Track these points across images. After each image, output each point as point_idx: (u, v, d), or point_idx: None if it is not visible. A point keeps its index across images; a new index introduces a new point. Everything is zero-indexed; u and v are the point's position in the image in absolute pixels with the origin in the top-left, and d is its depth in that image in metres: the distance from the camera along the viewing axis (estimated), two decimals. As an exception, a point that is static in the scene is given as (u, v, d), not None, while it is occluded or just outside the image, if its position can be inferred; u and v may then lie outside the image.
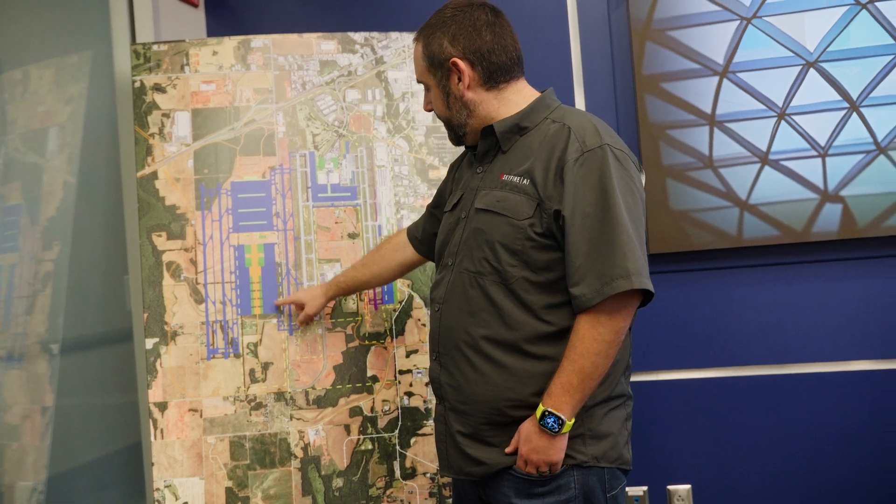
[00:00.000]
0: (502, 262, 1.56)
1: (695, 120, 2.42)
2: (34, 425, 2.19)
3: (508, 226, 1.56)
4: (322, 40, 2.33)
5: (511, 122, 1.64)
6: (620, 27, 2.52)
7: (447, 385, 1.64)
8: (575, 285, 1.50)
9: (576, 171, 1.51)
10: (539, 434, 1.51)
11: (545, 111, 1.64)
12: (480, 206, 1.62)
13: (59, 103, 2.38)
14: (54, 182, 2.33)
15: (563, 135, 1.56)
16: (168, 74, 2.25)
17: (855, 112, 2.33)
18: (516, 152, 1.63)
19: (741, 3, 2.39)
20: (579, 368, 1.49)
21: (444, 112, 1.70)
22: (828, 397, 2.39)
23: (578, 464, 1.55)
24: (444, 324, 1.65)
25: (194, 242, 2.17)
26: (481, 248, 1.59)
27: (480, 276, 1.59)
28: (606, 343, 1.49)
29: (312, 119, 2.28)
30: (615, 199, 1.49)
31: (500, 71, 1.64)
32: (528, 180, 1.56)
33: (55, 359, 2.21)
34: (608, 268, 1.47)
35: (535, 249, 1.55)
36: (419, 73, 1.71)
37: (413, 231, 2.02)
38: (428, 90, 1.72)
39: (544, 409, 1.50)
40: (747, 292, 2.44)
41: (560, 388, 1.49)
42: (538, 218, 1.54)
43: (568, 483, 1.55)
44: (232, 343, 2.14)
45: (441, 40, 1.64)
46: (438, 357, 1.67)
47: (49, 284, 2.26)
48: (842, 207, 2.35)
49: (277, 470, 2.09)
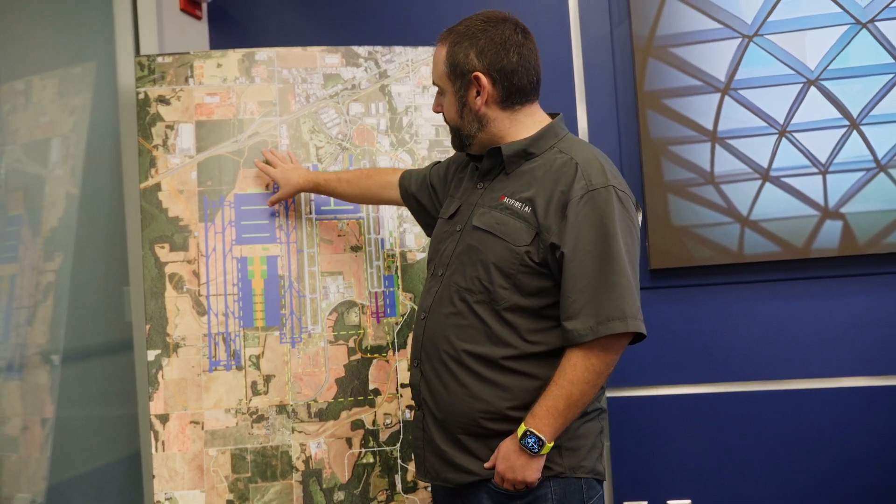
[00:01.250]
0: (494, 284, 1.58)
1: (696, 136, 2.43)
2: (34, 437, 2.18)
3: (505, 249, 1.57)
4: (326, 54, 2.34)
5: (519, 147, 1.65)
6: (623, 43, 2.53)
7: (426, 393, 1.66)
8: (568, 320, 1.52)
9: (580, 209, 1.52)
10: (518, 453, 1.54)
11: (553, 139, 1.66)
12: (478, 224, 1.63)
13: (62, 114, 2.38)
14: (57, 193, 2.33)
15: (570, 170, 1.57)
16: (172, 86, 2.26)
17: (855, 130, 2.35)
18: (519, 177, 1.64)
19: (743, 20, 2.41)
20: (567, 394, 1.51)
21: (454, 120, 1.69)
22: (827, 413, 2.40)
23: (555, 475, 1.58)
24: (429, 333, 1.66)
25: (197, 254, 2.17)
26: (475, 267, 1.61)
27: (470, 293, 1.60)
28: (597, 374, 1.52)
29: (316, 132, 2.29)
30: (616, 240, 1.51)
31: (519, 93, 1.65)
32: (529, 208, 1.57)
33: (56, 370, 2.21)
34: (605, 308, 1.49)
35: (527, 275, 1.57)
36: (437, 75, 1.70)
37: (406, 182, 2.03)
38: (442, 94, 1.71)
39: (526, 429, 1.52)
40: (748, 308, 2.45)
41: (545, 410, 1.52)
42: (535, 246, 1.56)
43: (545, 494, 1.58)
44: (234, 355, 2.13)
45: (468, 51, 1.63)
46: (420, 365, 1.68)
47: (50, 295, 2.25)
48: (842, 224, 2.36)
49: (279, 483, 2.09)
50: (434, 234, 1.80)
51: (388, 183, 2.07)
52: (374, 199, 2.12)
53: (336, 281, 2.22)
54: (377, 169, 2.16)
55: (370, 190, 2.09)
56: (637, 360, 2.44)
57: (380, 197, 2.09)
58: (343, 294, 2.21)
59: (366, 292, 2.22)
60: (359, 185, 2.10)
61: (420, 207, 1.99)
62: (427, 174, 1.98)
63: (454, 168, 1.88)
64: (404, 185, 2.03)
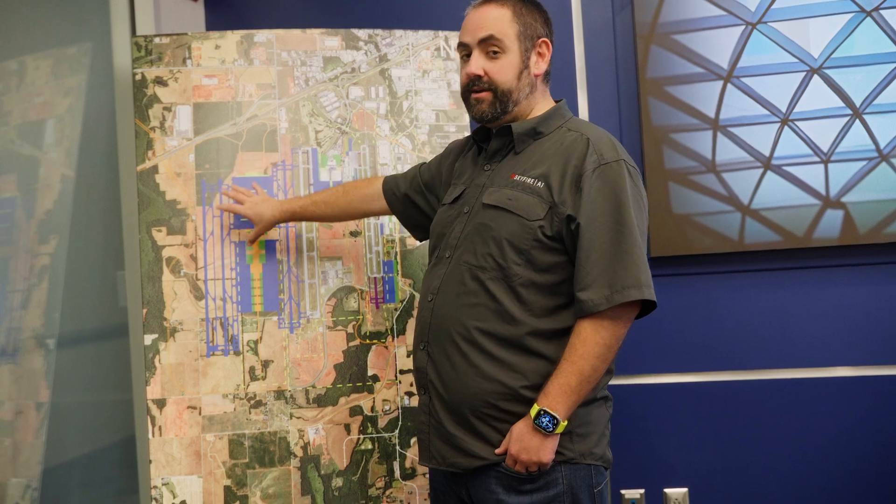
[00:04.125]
0: (507, 260, 1.58)
1: (698, 124, 2.42)
2: (28, 421, 2.16)
3: (518, 224, 1.58)
4: (326, 36, 2.31)
5: (529, 126, 1.68)
6: (625, 30, 2.52)
7: (434, 375, 1.64)
8: (583, 290, 1.53)
9: (593, 182, 1.55)
10: (532, 433, 1.53)
11: (560, 120, 1.70)
12: (489, 202, 1.63)
13: (57, 95, 2.34)
14: (52, 175, 2.30)
15: (582, 145, 1.60)
16: (170, 68, 2.23)
17: (858, 119, 2.34)
18: (528, 155, 1.66)
19: (746, 8, 2.39)
20: (578, 370, 1.51)
21: (510, 82, 1.65)
22: (826, 402, 2.40)
23: (566, 460, 1.58)
24: (437, 314, 1.65)
25: (195, 238, 2.15)
26: (486, 244, 1.60)
27: (482, 271, 1.60)
28: (607, 347, 1.53)
29: (315, 115, 2.26)
30: (629, 212, 1.54)
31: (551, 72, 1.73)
32: (542, 183, 1.59)
33: (51, 354, 2.18)
34: (619, 277, 1.51)
35: (540, 250, 1.57)
36: (503, 32, 1.64)
37: (392, 187, 2.00)
38: (495, 55, 1.65)
39: (540, 409, 1.52)
40: (748, 297, 2.44)
41: (557, 388, 1.52)
42: (549, 220, 1.57)
43: (556, 479, 1.57)
44: (232, 340, 2.11)
45: (536, 17, 1.68)
46: (427, 347, 1.67)
47: (45, 279, 2.22)
48: (843, 214, 2.35)
49: (277, 469, 2.07)
50: (436, 221, 1.79)
51: (368, 195, 2.03)
52: (357, 215, 2.08)
53: (335, 266, 2.20)
54: (351, 184, 2.11)
55: (351, 206, 2.04)
56: (636, 348, 2.43)
57: (363, 211, 2.06)
58: (342, 279, 2.20)
59: (365, 278, 2.21)
60: (337, 204, 2.05)
61: (412, 206, 1.97)
62: (416, 174, 1.97)
63: (449, 161, 1.88)
64: (390, 188, 2.00)
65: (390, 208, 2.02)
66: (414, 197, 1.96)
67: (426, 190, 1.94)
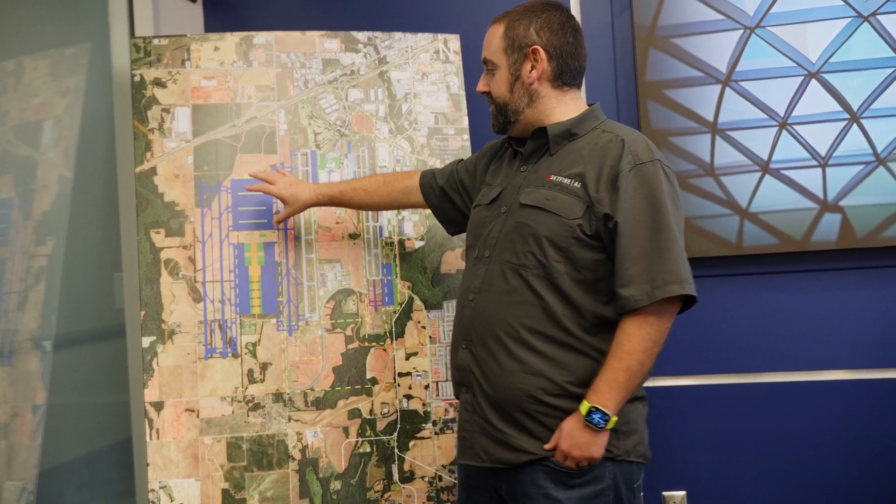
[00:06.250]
0: (548, 257, 1.61)
1: (697, 127, 2.43)
2: (25, 424, 2.15)
3: (557, 223, 1.62)
4: (325, 39, 2.31)
5: (563, 128, 1.70)
6: (624, 33, 2.52)
7: (479, 374, 1.67)
8: (624, 286, 1.56)
9: (629, 181, 1.58)
10: (583, 430, 1.56)
11: (594, 121, 1.72)
12: (527, 202, 1.67)
13: (54, 96, 2.34)
14: (49, 176, 2.29)
15: (617, 145, 1.63)
16: (169, 69, 2.22)
17: (855, 123, 2.35)
18: (564, 156, 1.69)
19: (745, 12, 2.39)
20: (626, 366, 1.55)
21: (504, 95, 1.73)
22: (825, 406, 2.40)
23: (612, 457, 1.61)
24: (480, 312, 1.68)
25: (193, 240, 2.14)
26: (526, 242, 1.64)
27: (524, 269, 1.63)
28: (652, 342, 1.56)
29: (314, 118, 2.26)
30: (665, 210, 1.58)
31: (569, 74, 1.72)
32: (578, 183, 1.63)
33: (47, 356, 2.17)
34: (661, 273, 1.55)
35: (580, 248, 1.61)
36: (491, 52, 1.74)
37: (429, 180, 2.03)
38: (491, 72, 1.75)
39: (591, 406, 1.55)
40: (745, 300, 2.45)
41: (606, 384, 1.55)
42: (587, 219, 1.61)
43: (603, 474, 1.61)
44: (230, 343, 2.10)
45: (528, 27, 1.70)
46: (469, 345, 1.69)
47: (42, 280, 2.22)
48: (841, 217, 2.36)
49: (275, 472, 2.06)
50: (472, 221, 1.82)
51: (408, 188, 2.05)
52: (394, 206, 2.11)
53: (334, 268, 2.19)
54: (391, 175, 2.12)
55: (391, 196, 2.06)
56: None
57: (401, 203, 2.08)
58: (341, 282, 2.19)
59: (364, 280, 2.20)
60: (377, 193, 2.07)
61: (447, 201, 2.00)
62: (454, 170, 2.00)
63: (484, 161, 1.91)
64: (427, 182, 2.03)
65: (426, 201, 2.04)
66: (450, 192, 1.99)
67: (461, 187, 1.97)
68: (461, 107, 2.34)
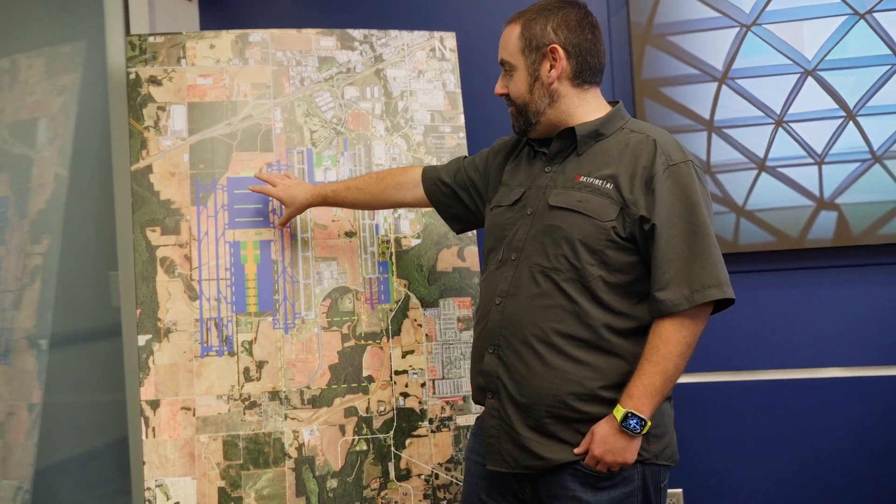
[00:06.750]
0: (582, 261, 1.58)
1: (693, 125, 2.43)
2: (20, 422, 2.15)
3: (591, 226, 1.59)
4: (321, 36, 2.31)
5: (591, 128, 1.67)
6: (620, 31, 2.52)
7: (507, 379, 1.64)
8: (661, 290, 1.54)
9: (664, 183, 1.56)
10: (617, 435, 1.54)
11: (620, 121, 1.69)
12: (557, 203, 1.63)
13: (50, 94, 2.33)
14: (45, 174, 2.29)
15: (649, 146, 1.60)
16: (164, 67, 2.22)
17: (851, 121, 2.35)
18: (592, 157, 1.66)
19: (741, 10, 2.40)
20: (662, 370, 1.53)
21: (524, 96, 1.69)
22: (821, 403, 2.40)
23: (642, 461, 1.59)
24: (508, 317, 1.64)
25: (189, 238, 2.14)
26: (558, 246, 1.60)
27: (556, 273, 1.60)
28: (688, 346, 1.55)
29: (310, 116, 2.26)
30: (701, 211, 1.56)
31: (589, 71, 1.68)
32: (611, 184, 1.60)
33: (43, 354, 2.17)
34: (699, 277, 1.53)
35: (614, 250, 1.58)
36: (508, 53, 1.70)
37: (434, 177, 1.99)
38: (509, 73, 1.71)
39: (626, 411, 1.53)
40: (742, 297, 2.40)
41: (642, 389, 1.53)
42: (621, 221, 1.58)
43: (632, 476, 1.59)
44: (226, 341, 2.10)
45: (545, 26, 1.67)
46: (497, 350, 1.66)
47: (38, 278, 2.21)
48: (837, 215, 2.36)
49: (271, 470, 2.06)
50: (493, 223, 1.77)
51: (402, 183, 2.02)
52: (388, 203, 2.06)
53: (330, 266, 2.19)
54: (385, 171, 2.10)
55: (383, 193, 2.03)
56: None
57: (395, 199, 2.04)
58: (337, 280, 2.19)
59: (360, 278, 2.20)
60: (369, 190, 2.04)
61: (454, 199, 1.96)
62: (461, 167, 1.96)
63: (499, 160, 1.87)
64: (432, 179, 1.99)
65: (429, 198, 2.00)
66: (458, 190, 1.95)
67: (470, 185, 1.93)
68: (457, 105, 2.34)
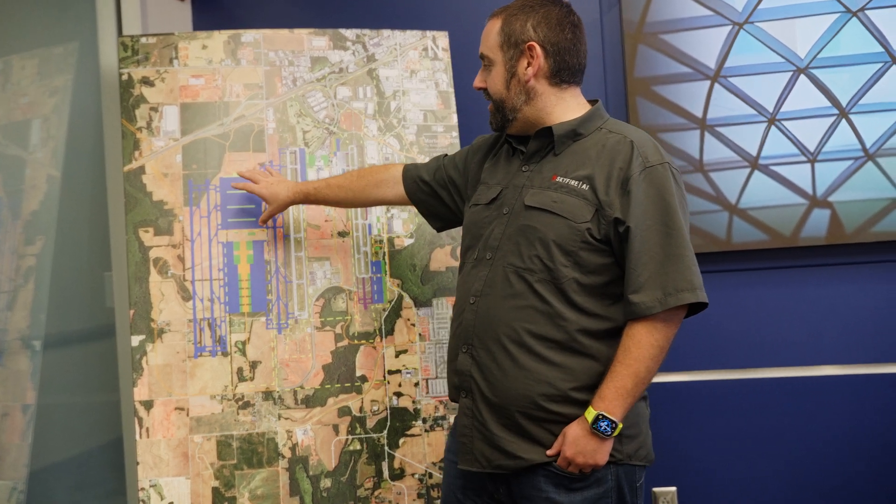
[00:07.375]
0: (555, 262, 1.58)
1: (686, 124, 2.43)
2: (14, 423, 2.15)
3: (566, 227, 1.58)
4: (313, 36, 2.31)
5: (569, 127, 1.66)
6: (612, 29, 2.52)
7: (480, 378, 1.64)
8: (635, 293, 1.54)
9: (640, 185, 1.55)
10: (588, 437, 1.54)
11: (599, 121, 1.68)
12: (532, 203, 1.63)
13: (42, 95, 2.33)
14: (37, 175, 2.29)
15: (626, 147, 1.59)
16: (156, 68, 2.22)
17: (844, 119, 2.36)
18: (569, 157, 1.65)
19: (734, 8, 2.40)
20: (634, 372, 1.53)
21: (500, 92, 1.69)
22: (814, 401, 2.41)
23: (615, 461, 1.59)
24: (482, 316, 1.64)
25: (182, 239, 2.14)
26: (533, 246, 1.60)
27: (529, 273, 1.60)
28: (660, 349, 1.54)
29: (303, 116, 2.26)
30: (676, 214, 1.55)
31: (568, 71, 1.67)
32: (587, 185, 1.59)
33: (37, 355, 2.17)
34: (673, 280, 1.52)
35: (588, 252, 1.58)
36: (488, 48, 1.70)
37: (414, 175, 1.98)
38: (488, 67, 1.71)
39: (598, 413, 1.53)
40: (735, 296, 2.45)
41: (614, 391, 1.53)
42: (596, 223, 1.57)
43: (605, 477, 1.59)
44: (220, 341, 2.10)
45: (525, 22, 1.65)
46: (470, 350, 1.66)
47: (31, 280, 2.22)
48: (830, 213, 2.37)
49: (265, 470, 2.06)
50: (470, 221, 1.77)
51: (382, 181, 2.02)
52: (370, 200, 2.06)
53: (323, 266, 2.19)
54: (366, 168, 2.10)
55: (364, 191, 2.03)
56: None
57: (375, 196, 2.03)
58: (330, 280, 2.19)
59: (353, 278, 2.20)
60: (350, 187, 2.04)
61: (434, 197, 1.96)
62: (440, 165, 1.96)
63: (478, 158, 1.86)
64: (412, 177, 1.99)
65: (409, 196, 2.00)
66: (437, 188, 1.95)
67: (450, 183, 1.93)
68: (450, 104, 2.34)
